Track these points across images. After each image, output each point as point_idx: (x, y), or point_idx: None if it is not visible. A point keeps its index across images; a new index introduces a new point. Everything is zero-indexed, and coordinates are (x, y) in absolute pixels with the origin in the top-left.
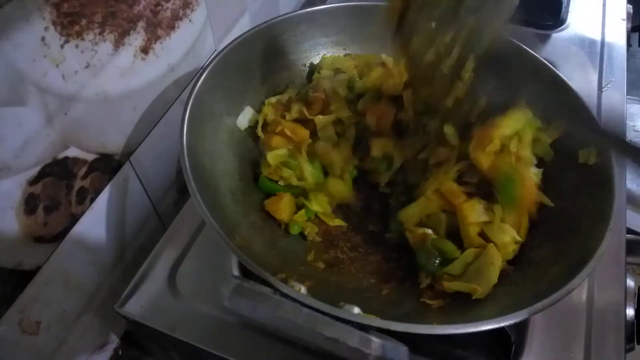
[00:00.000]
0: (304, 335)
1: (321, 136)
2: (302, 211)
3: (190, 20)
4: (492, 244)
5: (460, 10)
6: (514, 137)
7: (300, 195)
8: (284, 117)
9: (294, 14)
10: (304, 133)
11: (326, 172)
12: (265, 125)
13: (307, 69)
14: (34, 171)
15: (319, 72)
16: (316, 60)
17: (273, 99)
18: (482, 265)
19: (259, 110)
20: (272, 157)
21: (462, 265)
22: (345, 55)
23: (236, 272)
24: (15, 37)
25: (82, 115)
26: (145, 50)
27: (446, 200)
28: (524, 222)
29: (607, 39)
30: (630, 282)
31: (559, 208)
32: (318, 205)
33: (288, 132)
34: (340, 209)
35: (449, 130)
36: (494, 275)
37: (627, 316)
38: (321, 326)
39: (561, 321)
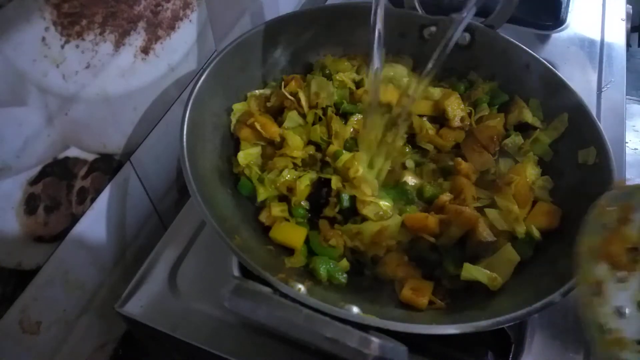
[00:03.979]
0: (304, 335)
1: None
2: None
3: (190, 21)
4: (509, 244)
5: None
6: None
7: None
8: (264, 110)
9: (294, 14)
10: (275, 130)
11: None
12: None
13: (306, 69)
14: (35, 171)
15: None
16: (315, 60)
17: (256, 92)
18: (499, 261)
19: None
20: (242, 156)
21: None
22: (344, 55)
23: (236, 272)
24: (16, 37)
25: (83, 115)
26: (145, 50)
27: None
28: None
29: (607, 39)
30: None
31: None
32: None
33: (258, 127)
34: None
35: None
36: (508, 271)
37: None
38: (321, 326)
39: (561, 321)
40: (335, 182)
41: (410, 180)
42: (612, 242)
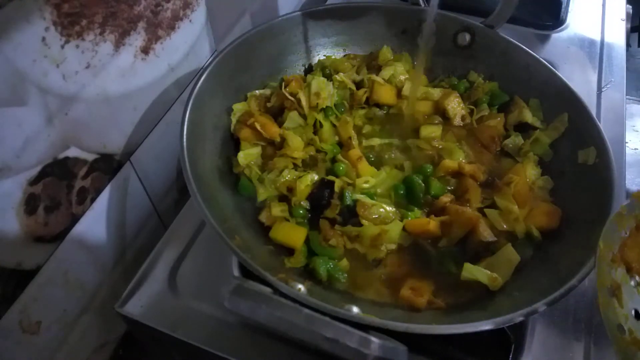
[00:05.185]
0: (304, 335)
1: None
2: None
3: (190, 21)
4: (509, 244)
5: None
6: None
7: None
8: (264, 110)
9: (293, 14)
10: (275, 130)
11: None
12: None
13: (306, 69)
14: (35, 171)
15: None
16: (315, 60)
17: (256, 92)
18: (499, 261)
19: None
20: (243, 156)
21: None
22: (344, 55)
23: (236, 272)
24: (16, 37)
25: (83, 115)
26: (145, 50)
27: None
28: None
29: (607, 39)
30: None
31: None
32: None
33: (258, 127)
34: None
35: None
36: (509, 271)
37: None
38: (321, 326)
39: (561, 321)
40: (339, 184)
41: None
42: (629, 248)
